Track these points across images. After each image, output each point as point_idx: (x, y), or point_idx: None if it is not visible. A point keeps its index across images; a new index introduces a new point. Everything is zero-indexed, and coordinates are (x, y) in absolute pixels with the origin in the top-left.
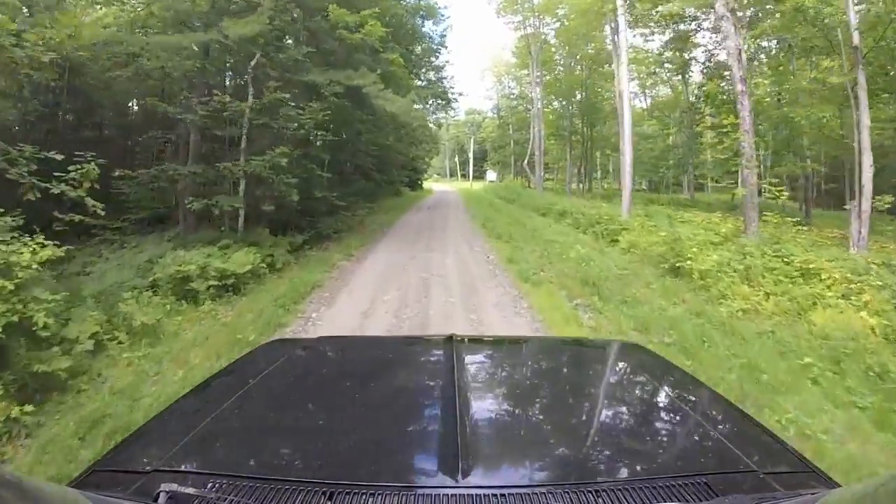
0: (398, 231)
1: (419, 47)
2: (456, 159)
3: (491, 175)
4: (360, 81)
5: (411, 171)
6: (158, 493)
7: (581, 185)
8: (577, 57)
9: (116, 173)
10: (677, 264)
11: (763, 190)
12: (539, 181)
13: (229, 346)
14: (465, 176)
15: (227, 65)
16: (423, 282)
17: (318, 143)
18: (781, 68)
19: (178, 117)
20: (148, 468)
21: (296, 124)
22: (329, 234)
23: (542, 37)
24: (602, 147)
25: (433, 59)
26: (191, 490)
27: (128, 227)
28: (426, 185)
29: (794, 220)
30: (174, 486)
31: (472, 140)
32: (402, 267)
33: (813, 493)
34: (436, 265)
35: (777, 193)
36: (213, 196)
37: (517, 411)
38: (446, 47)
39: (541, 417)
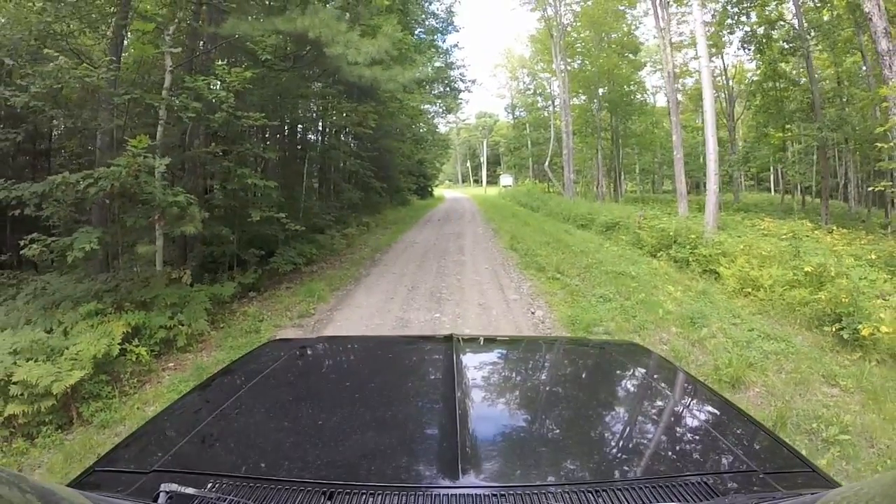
0: (395, 259)
1: (418, 27)
2: (468, 164)
3: (506, 180)
4: (319, 31)
5: (419, 178)
6: (158, 493)
7: (610, 188)
8: (603, 43)
9: None
10: (858, 327)
11: None
12: (569, 185)
13: None
14: (477, 181)
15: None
16: None
17: (251, 134)
18: None
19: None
20: (148, 468)
21: (197, 103)
22: (288, 272)
23: (566, 15)
24: (632, 145)
25: (439, 40)
26: (191, 490)
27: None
28: (437, 191)
29: None
30: (174, 486)
31: (484, 143)
32: None
33: (813, 493)
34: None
35: None
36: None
37: (517, 411)
38: (454, 25)
39: (540, 417)
